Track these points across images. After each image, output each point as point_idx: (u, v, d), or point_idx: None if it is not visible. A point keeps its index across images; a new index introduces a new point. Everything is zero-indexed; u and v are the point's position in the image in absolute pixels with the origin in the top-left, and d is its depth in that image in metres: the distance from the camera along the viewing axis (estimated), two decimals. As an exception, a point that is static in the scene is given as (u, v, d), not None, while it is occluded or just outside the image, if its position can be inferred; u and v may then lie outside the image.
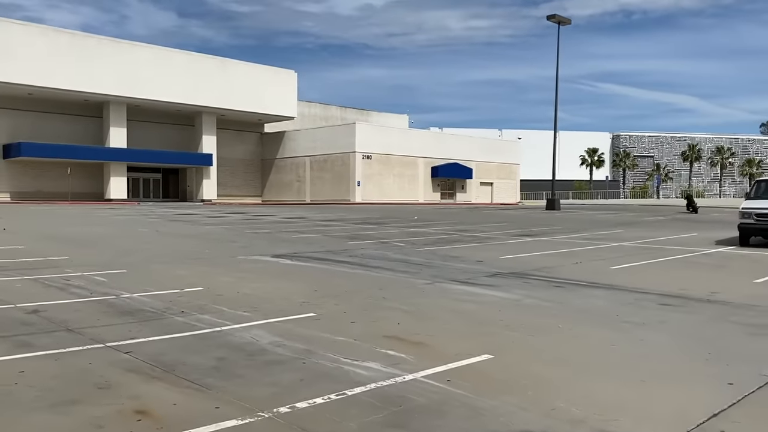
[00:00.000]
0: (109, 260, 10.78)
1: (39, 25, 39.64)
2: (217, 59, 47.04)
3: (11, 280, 8.32)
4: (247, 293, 7.78)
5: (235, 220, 24.25)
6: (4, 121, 40.06)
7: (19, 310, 6.39)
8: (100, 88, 40.12)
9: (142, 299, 7.19)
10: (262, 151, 54.44)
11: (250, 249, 13.18)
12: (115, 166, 43.03)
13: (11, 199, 40.58)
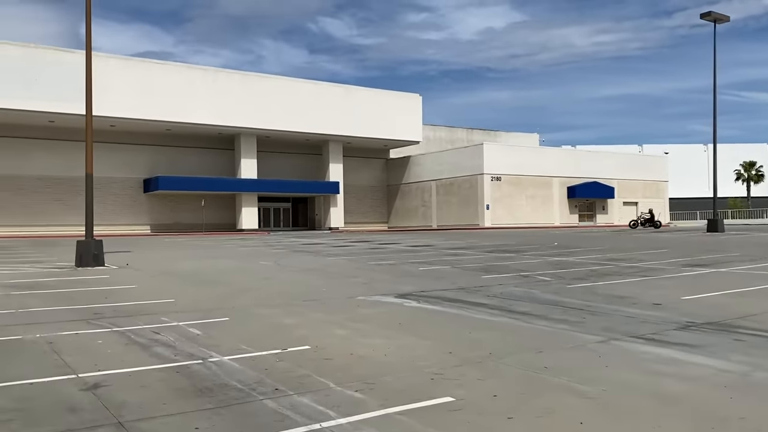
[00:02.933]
0: (215, 303, 9.55)
1: (176, 63, 41.54)
2: (342, 87, 47.02)
3: (97, 333, 7.17)
4: (363, 355, 6.03)
5: (359, 249, 22.99)
6: (144, 157, 42.14)
7: (76, 384, 5.03)
8: (232, 121, 41.16)
9: (231, 366, 5.65)
10: (387, 176, 53.68)
11: (372, 286, 11.54)
12: (247, 197, 43.86)
13: (151, 231, 42.43)
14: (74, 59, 34.22)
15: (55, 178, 39.30)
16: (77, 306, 9.17)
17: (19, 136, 38.14)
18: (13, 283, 12.10)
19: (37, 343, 6.53)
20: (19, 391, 4.81)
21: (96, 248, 15.65)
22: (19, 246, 26.39)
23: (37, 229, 38.27)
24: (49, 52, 35.84)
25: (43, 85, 34.25)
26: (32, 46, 35.62)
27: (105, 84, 34.04)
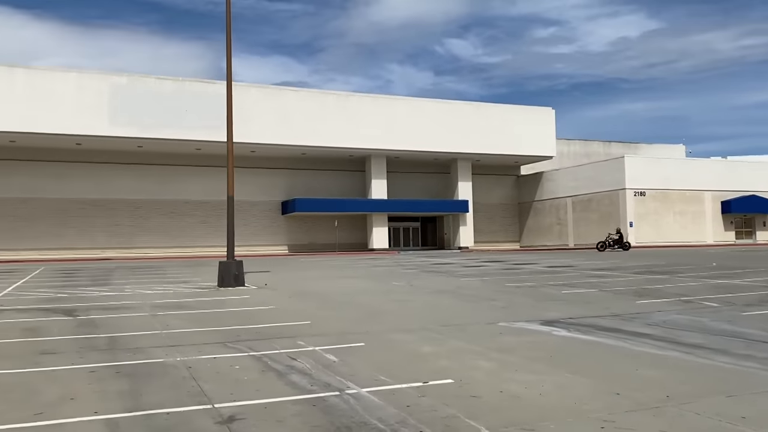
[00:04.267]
0: (350, 326, 9.24)
1: (310, 90, 43.02)
2: (471, 104, 46.42)
3: (234, 357, 7.04)
4: (515, 394, 5.34)
5: (492, 269, 22.09)
6: (282, 180, 43.89)
7: (212, 416, 4.79)
8: (363, 143, 41.84)
9: (370, 400, 5.18)
10: (518, 194, 52.09)
11: (512, 311, 10.74)
12: (377, 217, 44.26)
13: (288, 250, 43.97)
14: (217, 89, 36.46)
15: (202, 202, 41.93)
16: (216, 328, 9.22)
17: (171, 164, 41.19)
18: (159, 303, 12.61)
19: (177, 368, 6.47)
20: (157, 422, 4.64)
21: (237, 269, 16.10)
22: (168, 266, 28.17)
23: (186, 249, 40.96)
24: (196, 84, 38.49)
25: (191, 115, 36.78)
26: (181, 80, 38.44)
27: (246, 112, 35.93)
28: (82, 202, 39.57)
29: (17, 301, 13.04)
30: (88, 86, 35.81)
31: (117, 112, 35.84)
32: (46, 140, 36.29)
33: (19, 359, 6.96)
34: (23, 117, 34.02)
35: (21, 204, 38.18)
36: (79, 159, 39.19)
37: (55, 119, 34.62)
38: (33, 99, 34.40)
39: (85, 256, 38.39)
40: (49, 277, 20.86)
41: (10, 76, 34.57)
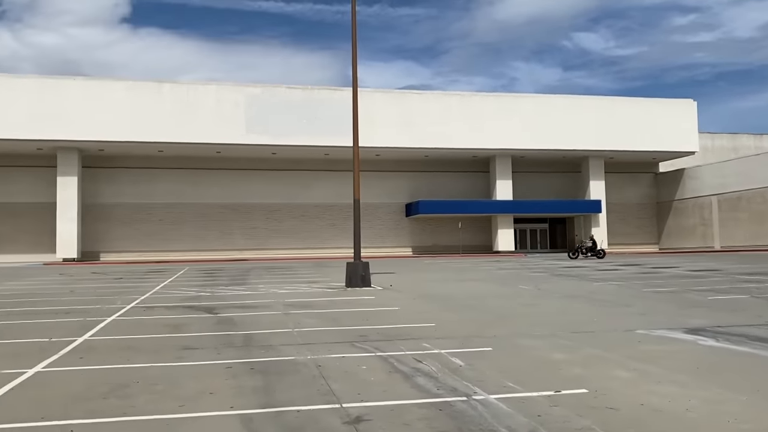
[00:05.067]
0: (476, 330, 9.05)
1: (433, 92, 43.15)
2: (602, 99, 44.36)
3: (362, 357, 7.11)
4: (657, 408, 4.92)
5: (628, 273, 20.87)
6: (405, 182, 44.31)
7: (340, 416, 4.82)
8: (486, 143, 41.28)
9: (498, 408, 4.99)
10: (656, 192, 48.98)
11: (651, 317, 10.02)
12: (502, 219, 43.44)
13: (412, 252, 44.27)
14: (343, 96, 37.50)
15: (330, 205, 43.31)
16: (344, 327, 9.39)
17: (301, 169, 42.95)
18: (291, 302, 13.09)
19: (307, 366, 6.63)
20: (287, 419, 4.75)
21: (363, 270, 16.39)
22: (299, 267, 29.32)
23: (315, 251, 42.49)
24: (323, 92, 39.86)
25: (319, 122, 38.12)
26: (310, 88, 39.96)
27: (370, 117, 36.64)
28: (222, 206, 42.24)
29: (164, 299, 14.09)
30: (226, 98, 38.21)
31: (252, 121, 37.93)
32: (189, 149, 39.14)
33: (164, 353, 7.46)
34: (170, 128, 36.93)
35: (167, 209, 41.44)
36: (217, 166, 41.91)
37: (197, 129, 37.27)
38: (178, 111, 37.26)
39: (225, 257, 40.95)
40: (192, 277, 22.41)
41: (159, 91, 37.66)
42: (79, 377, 6.25)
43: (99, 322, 10.13)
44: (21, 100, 35.45)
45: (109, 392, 5.59)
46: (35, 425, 4.65)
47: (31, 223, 39.07)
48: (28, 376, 6.29)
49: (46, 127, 35.45)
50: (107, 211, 40.46)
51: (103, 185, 40.44)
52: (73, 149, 37.59)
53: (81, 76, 38.29)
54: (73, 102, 36.13)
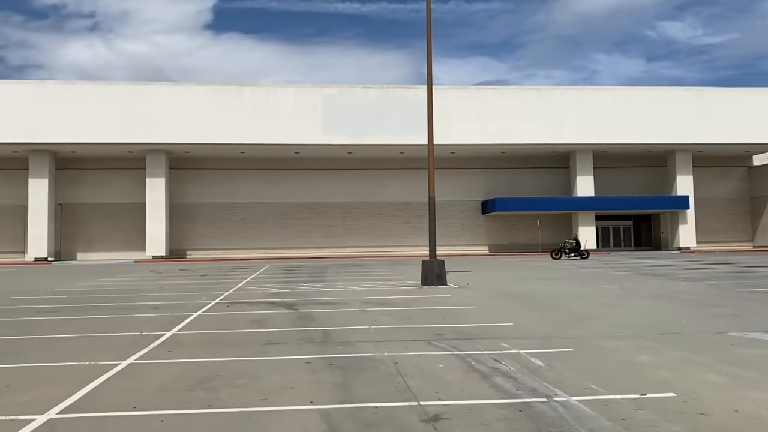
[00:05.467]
0: (555, 330, 8.84)
1: (509, 87, 42.44)
2: (690, 90, 42.36)
3: (438, 356, 7.08)
4: (753, 414, 4.64)
5: (719, 273, 19.82)
6: (481, 180, 43.84)
7: (417, 414, 4.83)
8: (566, 138, 40.26)
9: (581, 410, 4.86)
10: (750, 187, 46.30)
11: (745, 319, 9.48)
12: (583, 216, 42.21)
13: (488, 250, 43.74)
14: (417, 94, 37.50)
15: (405, 203, 43.41)
16: (421, 325, 9.39)
17: (377, 168, 43.28)
18: (367, 299, 13.22)
19: (384, 363, 6.67)
20: (365, 416, 4.79)
21: (439, 268, 16.34)
22: (375, 265, 29.56)
23: (391, 249, 42.72)
24: (398, 90, 40.00)
25: (394, 120, 38.29)
26: (385, 87, 40.18)
27: (445, 114, 36.47)
28: (300, 205, 43.17)
29: (247, 296, 14.54)
30: (304, 99, 39.01)
31: (329, 121, 38.55)
32: (268, 150, 40.22)
33: (247, 348, 7.70)
34: (250, 130, 38.09)
35: (249, 208, 42.75)
36: (296, 166, 42.86)
37: (276, 130, 38.25)
38: (258, 114, 38.37)
39: (303, 254, 41.84)
40: (272, 274, 23.03)
41: (240, 94, 38.91)
42: (168, 370, 6.54)
43: (186, 317, 10.58)
44: (113, 106, 37.49)
45: (196, 385, 5.82)
46: (129, 414, 4.90)
47: (124, 223, 41.27)
48: (122, 367, 6.64)
49: (136, 131, 37.35)
50: (193, 210, 42.18)
51: (189, 186, 42.18)
52: (161, 152, 39.40)
53: (167, 82, 40.11)
54: (160, 106, 37.88)
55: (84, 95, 37.60)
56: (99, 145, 37.91)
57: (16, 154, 39.13)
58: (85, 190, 41.46)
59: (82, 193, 41.39)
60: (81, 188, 41.38)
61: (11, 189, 40.29)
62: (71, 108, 37.06)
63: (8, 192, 40.43)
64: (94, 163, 41.32)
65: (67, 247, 41.22)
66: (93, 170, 41.53)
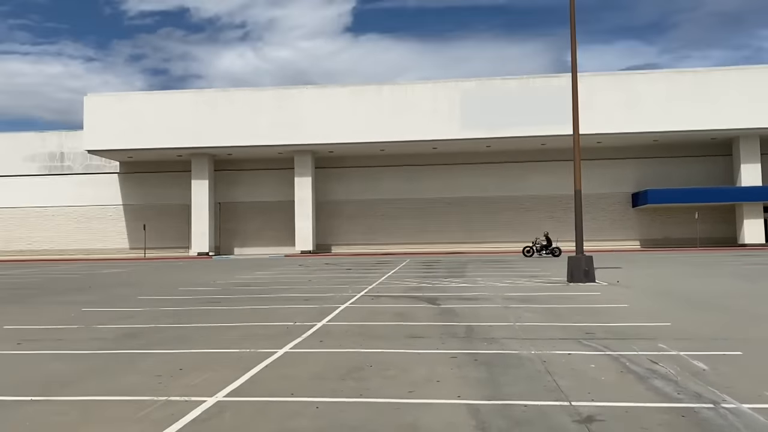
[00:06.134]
0: (721, 331, 8.14)
1: (661, 71, 39.73)
2: None
3: (589, 355, 6.79)
4: None
5: None
6: (630, 171, 41.45)
7: (569, 414, 4.66)
8: (727, 123, 36.97)
9: (753, 418, 4.43)
10: None
11: None
12: (749, 207, 38.60)
13: (640, 246, 41.23)
14: (560, 83, 36.19)
15: (547, 197, 42.09)
16: (568, 323, 9.05)
17: (516, 161, 42.36)
18: (510, 296, 12.97)
19: (531, 361, 6.51)
20: (515, 413, 4.71)
21: (586, 264, 15.66)
22: (516, 260, 28.95)
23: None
24: (538, 80, 38.84)
25: (535, 111, 37.24)
26: (525, 78, 39.18)
27: (590, 102, 34.87)
28: (438, 200, 43.37)
29: (389, 289, 14.86)
30: (442, 94, 39.09)
31: (467, 115, 38.33)
32: (407, 147, 40.77)
33: (393, 340, 7.86)
34: (390, 128, 38.85)
35: (389, 204, 43.66)
36: (434, 162, 43.08)
37: (414, 127, 38.69)
38: (397, 111, 39.03)
39: (442, 249, 41.99)
40: (413, 269, 23.34)
41: (379, 93, 39.81)
42: (320, 359, 6.84)
43: (334, 309, 11.01)
44: (263, 110, 39.94)
45: (347, 374, 6.04)
46: (286, 400, 5.19)
47: (275, 220, 43.89)
48: (279, 355, 7.05)
49: (284, 133, 39.53)
50: (337, 207, 43.88)
51: (333, 184, 43.91)
52: (307, 152, 41.36)
53: (311, 85, 41.95)
54: (305, 109, 39.79)
55: (237, 101, 40.42)
56: (251, 148, 40.54)
57: (180, 158, 42.93)
58: (241, 190, 44.57)
59: (237, 193, 44.54)
60: (237, 188, 44.54)
61: (177, 190, 44.27)
62: (226, 113, 39.99)
63: (174, 193, 44.46)
64: (247, 164, 44.29)
65: (226, 242, 44.56)
66: (247, 171, 44.53)
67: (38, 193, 45.96)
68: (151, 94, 42.73)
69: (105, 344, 8.03)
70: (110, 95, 42.47)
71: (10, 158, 46.66)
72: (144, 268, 27.94)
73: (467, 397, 5.13)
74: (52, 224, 45.84)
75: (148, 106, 40.78)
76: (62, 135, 46.96)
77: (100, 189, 45.48)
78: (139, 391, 5.51)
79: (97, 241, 45.38)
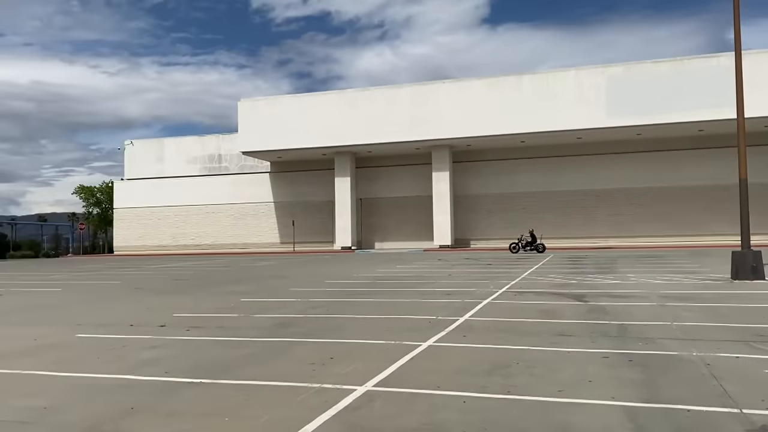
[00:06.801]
0: None
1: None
2: None
3: (761, 360, 6.19)
4: None
5: None
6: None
7: (740, 422, 4.27)
8: None
9: None
10: None
11: None
12: None
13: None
14: (720, 63, 33.24)
15: (705, 187, 38.87)
16: (735, 324, 8.31)
17: (669, 149, 39.52)
18: (666, 293, 12.14)
19: (693, 363, 6.05)
20: (677, 418, 4.40)
21: (754, 259, 14.28)
22: (670, 255, 27.01)
23: (688, 238, 38.64)
24: (694, 61, 35.90)
25: (691, 95, 34.49)
26: (678, 59, 36.40)
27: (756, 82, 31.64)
28: (583, 192, 41.54)
29: (533, 285, 14.49)
30: (586, 82, 37.38)
31: (614, 102, 36.35)
32: (548, 137, 39.45)
33: (539, 338, 7.66)
34: (530, 119, 37.82)
35: (529, 197, 42.53)
36: (577, 152, 41.31)
37: (556, 117, 37.34)
38: (537, 101, 37.89)
39: (587, 244, 40.19)
40: (556, 264, 22.58)
41: (518, 84, 38.89)
42: (464, 354, 6.83)
43: (476, 304, 10.94)
44: (401, 106, 40.53)
45: (492, 370, 5.97)
46: (433, 393, 5.23)
47: (413, 215, 44.44)
48: (423, 348, 7.13)
49: (421, 128, 39.85)
50: (475, 201, 43.53)
51: (471, 178, 43.61)
52: (445, 146, 41.41)
53: (448, 80, 41.90)
54: (442, 104, 39.82)
55: (375, 99, 41.36)
56: (390, 144, 41.32)
57: (324, 157, 44.78)
58: (380, 186, 45.62)
59: (377, 188, 45.64)
60: (376, 184, 45.64)
61: (321, 187, 46.24)
62: (366, 112, 41.08)
63: (319, 190, 46.48)
64: (386, 161, 45.21)
65: (367, 237, 45.84)
66: (386, 167, 45.47)
67: (199, 192, 50.08)
68: (297, 97, 44.93)
69: (262, 332, 8.59)
70: (260, 99, 45.24)
71: (175, 161, 51.35)
72: (293, 261, 29.51)
73: (622, 399, 4.87)
74: (212, 220, 49.75)
75: (295, 108, 42.93)
76: (219, 138, 50.87)
77: (254, 187, 48.64)
78: (294, 378, 5.82)
79: (251, 236, 48.62)
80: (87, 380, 6.03)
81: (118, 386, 5.75)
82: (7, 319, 11.04)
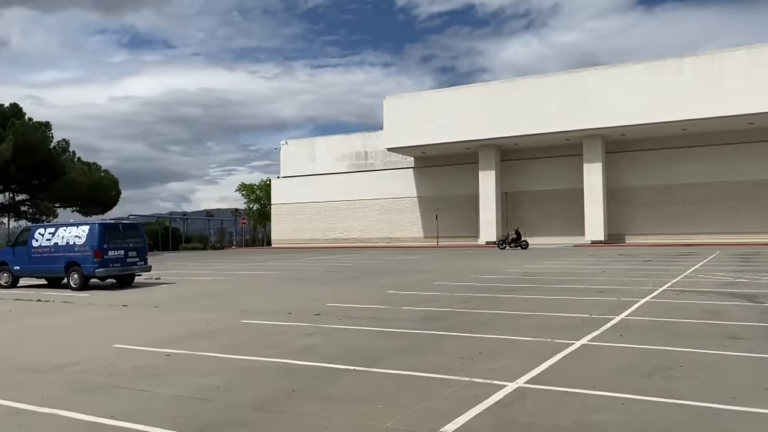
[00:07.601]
0: None
1: None
2: None
3: None
4: None
5: None
6: None
7: None
8: None
9: None
10: None
11: None
12: None
13: None
14: None
15: None
16: None
17: None
18: None
19: None
20: None
21: None
22: None
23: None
24: None
25: None
26: None
27: None
28: (756, 183, 37.66)
29: (696, 284, 13.44)
30: (759, 60, 33.84)
31: (792, 83, 32.59)
32: (715, 124, 36.20)
33: (704, 340, 7.11)
34: (692, 104, 34.93)
35: (691, 189, 39.30)
36: (750, 139, 37.50)
37: (723, 101, 34.15)
38: (701, 85, 34.90)
39: (760, 240, 36.42)
40: (724, 262, 20.74)
41: (679, 67, 36.07)
42: (620, 354, 6.51)
43: (632, 303, 10.37)
44: (549, 96, 39.17)
45: (652, 372, 5.65)
46: (588, 392, 5.05)
47: (561, 208, 42.83)
48: (576, 347, 6.90)
49: (571, 118, 38.25)
50: (630, 194, 41.05)
51: (625, 169, 41.16)
52: (597, 136, 39.45)
53: (600, 66, 39.80)
54: (594, 92, 37.93)
55: (522, 90, 40.36)
56: (537, 136, 40.15)
57: (468, 150, 44.51)
58: (526, 179, 44.50)
59: (523, 182, 44.56)
60: (522, 177, 44.58)
61: (464, 181, 46.02)
62: (512, 104, 40.22)
63: (462, 184, 46.30)
64: (532, 153, 43.99)
65: (512, 231, 45.03)
66: (532, 159, 44.26)
67: (346, 188, 51.98)
68: (440, 92, 45.08)
69: (411, 324, 8.77)
70: (405, 96, 45.95)
71: (325, 159, 53.71)
72: (437, 256, 29.73)
73: (807, 412, 4.39)
74: (358, 215, 51.45)
75: (438, 103, 43.10)
76: (365, 136, 52.42)
77: (398, 183, 49.59)
78: (444, 370, 5.89)
79: (395, 230, 49.65)
80: (253, 363, 6.53)
81: (280, 370, 6.17)
82: (182, 305, 12.22)
